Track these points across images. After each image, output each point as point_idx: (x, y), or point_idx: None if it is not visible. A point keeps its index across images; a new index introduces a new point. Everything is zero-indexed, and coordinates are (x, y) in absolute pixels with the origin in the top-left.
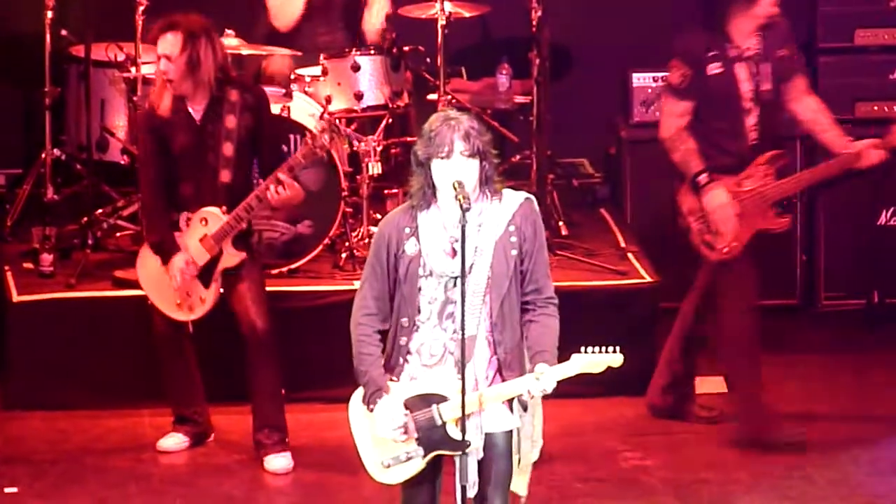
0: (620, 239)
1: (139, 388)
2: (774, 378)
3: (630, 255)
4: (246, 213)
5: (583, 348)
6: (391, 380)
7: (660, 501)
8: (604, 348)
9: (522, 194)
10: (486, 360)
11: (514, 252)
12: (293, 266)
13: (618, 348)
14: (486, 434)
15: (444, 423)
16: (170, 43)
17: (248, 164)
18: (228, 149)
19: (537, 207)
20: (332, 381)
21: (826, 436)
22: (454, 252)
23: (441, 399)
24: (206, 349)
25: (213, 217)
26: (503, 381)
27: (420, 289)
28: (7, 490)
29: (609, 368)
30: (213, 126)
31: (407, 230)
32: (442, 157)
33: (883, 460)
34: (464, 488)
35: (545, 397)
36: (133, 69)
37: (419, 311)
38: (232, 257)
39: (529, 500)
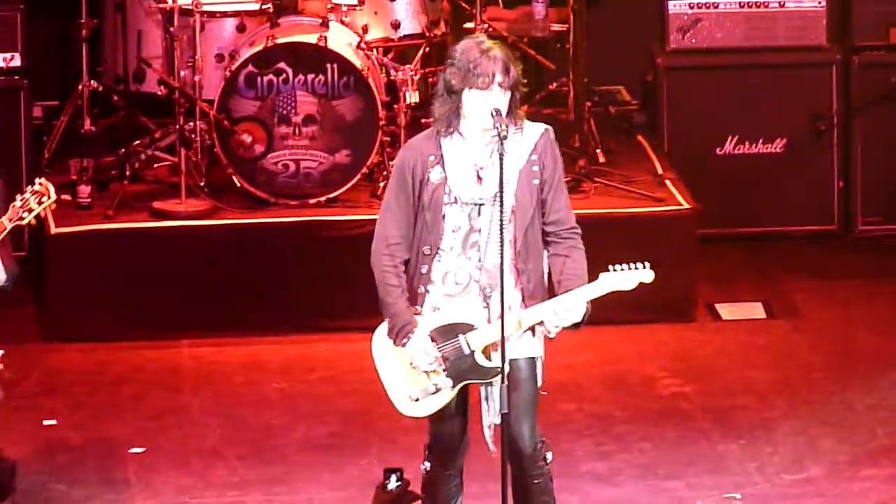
0: (658, 166)
1: (177, 319)
2: (813, 304)
3: (668, 182)
4: None
5: (610, 266)
6: (415, 311)
7: (699, 428)
8: (633, 265)
9: (542, 125)
10: (511, 287)
11: (536, 181)
12: (331, 195)
13: (647, 264)
14: (511, 360)
15: (472, 352)
16: None
17: None
18: None
19: (554, 138)
20: (371, 309)
21: (864, 361)
22: (479, 179)
23: (468, 328)
24: (238, 280)
25: None
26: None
27: (444, 216)
28: (46, 422)
29: (646, 294)
30: None
31: (431, 157)
32: (481, 88)
33: None
34: (504, 416)
35: (585, 324)
36: (169, 0)
37: (443, 239)
38: None
39: (569, 428)
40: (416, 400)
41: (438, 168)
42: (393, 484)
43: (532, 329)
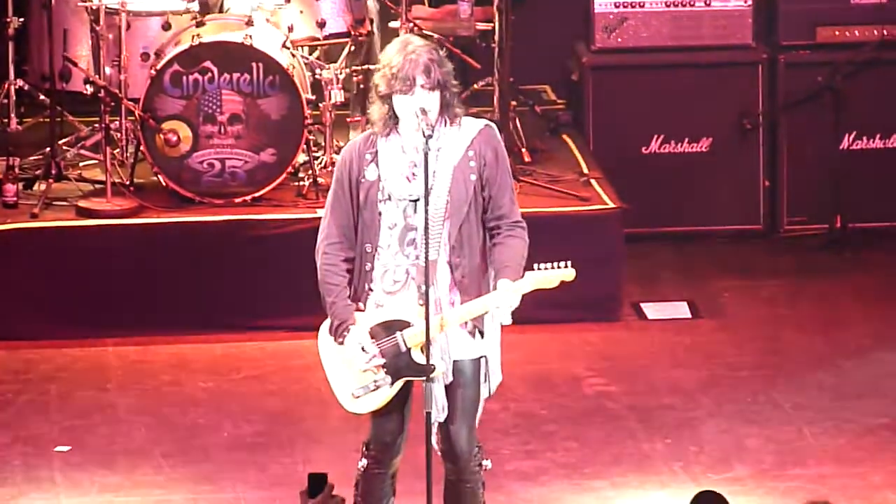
0: (583, 165)
1: (103, 318)
2: (739, 303)
3: (593, 182)
4: None
5: (535, 265)
6: (358, 308)
7: (624, 427)
8: (556, 264)
9: (483, 121)
10: (447, 284)
11: (473, 177)
12: (257, 194)
13: (569, 263)
14: (454, 361)
15: (408, 350)
16: None
17: None
18: None
19: (498, 134)
20: (297, 309)
21: (790, 360)
22: (413, 176)
23: (405, 325)
24: (164, 279)
25: None
26: (461, 304)
27: (380, 214)
28: None
29: (572, 294)
30: None
31: (367, 156)
32: (403, 92)
33: (847, 385)
34: (428, 415)
35: (510, 323)
36: None
37: (380, 237)
38: None
39: (494, 427)
40: (358, 396)
41: (373, 166)
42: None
43: (473, 329)
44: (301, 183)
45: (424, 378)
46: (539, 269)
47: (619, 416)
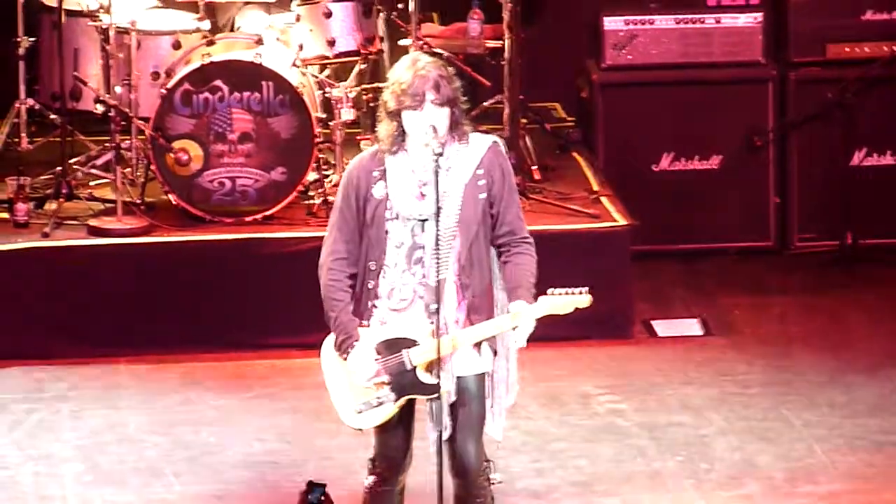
0: (593, 182)
1: (114, 337)
2: (749, 320)
3: (603, 199)
4: None
5: (550, 290)
6: (361, 325)
7: (635, 445)
8: (571, 290)
9: (490, 138)
10: (455, 303)
11: (483, 196)
12: (267, 213)
13: (586, 289)
14: (458, 378)
15: (414, 368)
16: None
17: None
18: None
19: (505, 151)
20: (308, 327)
21: (801, 377)
22: (422, 195)
23: (411, 343)
24: (174, 298)
25: None
26: (471, 324)
27: (387, 232)
28: None
29: (582, 311)
30: None
31: (375, 173)
32: (413, 109)
33: (858, 401)
34: (439, 433)
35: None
36: (105, 18)
37: (386, 255)
38: None
39: (504, 444)
40: (360, 412)
41: (381, 184)
42: (315, 498)
43: (478, 346)
44: (311, 201)
45: (430, 397)
46: (554, 293)
47: (631, 433)
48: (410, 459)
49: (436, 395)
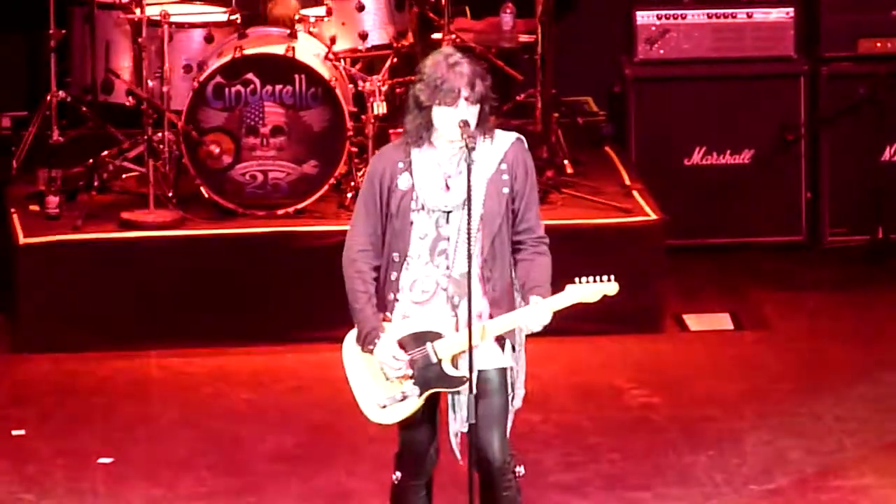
0: (625, 177)
1: (145, 330)
2: (781, 315)
3: (635, 193)
4: None
5: (577, 279)
6: (384, 318)
7: (667, 439)
8: (598, 277)
9: (513, 134)
10: (478, 296)
11: (506, 190)
12: (299, 206)
13: (612, 277)
14: (480, 371)
15: (439, 361)
16: None
17: None
18: None
19: (527, 147)
20: (339, 320)
21: (832, 372)
22: (447, 187)
23: (435, 336)
24: (205, 291)
25: None
26: (491, 318)
27: (412, 223)
28: (14, 433)
29: (613, 306)
30: None
31: (400, 164)
32: (448, 105)
33: (889, 396)
34: (471, 426)
35: (547, 334)
36: (137, 11)
37: (410, 247)
38: None
39: (536, 438)
40: (384, 407)
41: (407, 175)
42: None
43: (501, 340)
44: (343, 195)
45: (454, 390)
46: (581, 282)
47: (662, 427)
48: (437, 453)
49: (461, 388)
